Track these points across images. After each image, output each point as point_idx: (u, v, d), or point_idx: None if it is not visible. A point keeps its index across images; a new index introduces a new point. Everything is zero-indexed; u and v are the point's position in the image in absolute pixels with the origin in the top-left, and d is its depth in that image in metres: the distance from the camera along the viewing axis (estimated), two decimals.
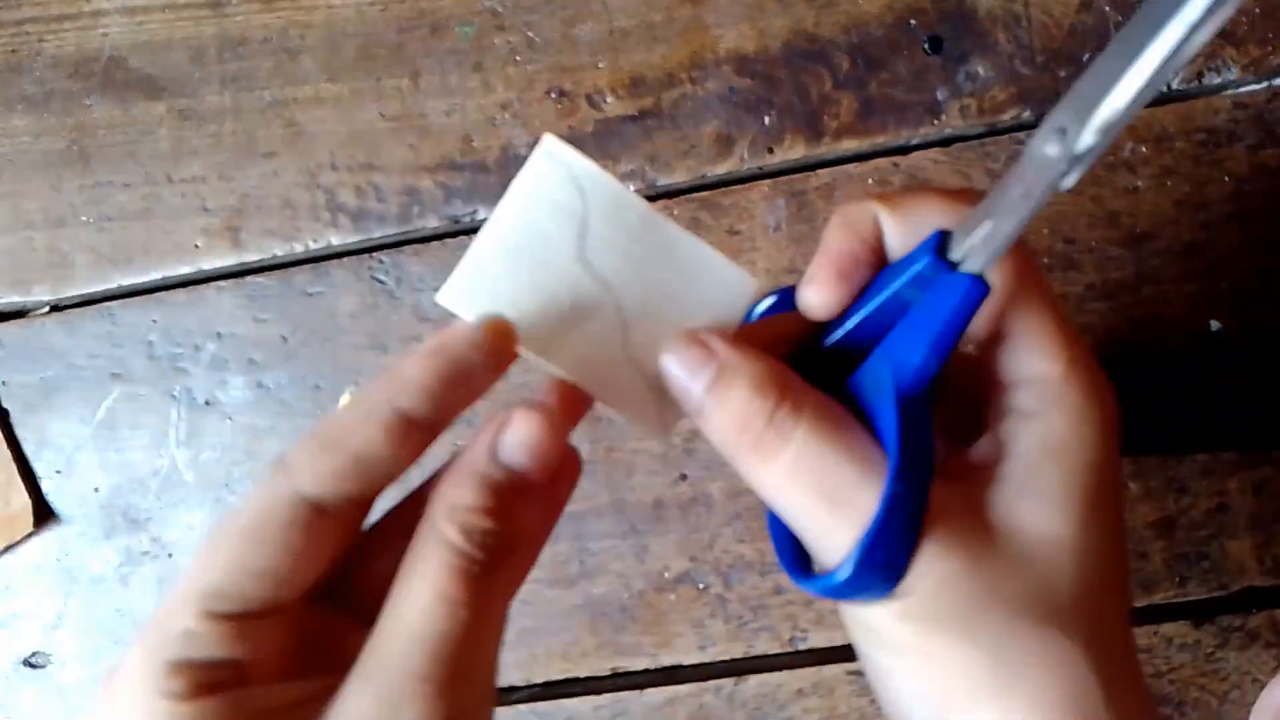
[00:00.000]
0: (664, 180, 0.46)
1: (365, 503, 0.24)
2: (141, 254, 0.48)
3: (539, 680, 0.47)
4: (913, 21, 0.44)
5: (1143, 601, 0.44)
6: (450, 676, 0.20)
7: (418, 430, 0.23)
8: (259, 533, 0.22)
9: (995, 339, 0.25)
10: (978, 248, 0.22)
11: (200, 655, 0.21)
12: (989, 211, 0.22)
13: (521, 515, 0.23)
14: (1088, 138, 0.19)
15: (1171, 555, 0.44)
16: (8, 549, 0.49)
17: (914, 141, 0.45)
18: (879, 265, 0.25)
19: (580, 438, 0.46)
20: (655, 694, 0.46)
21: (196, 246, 0.48)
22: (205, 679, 0.20)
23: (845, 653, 0.45)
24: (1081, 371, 0.24)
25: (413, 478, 0.25)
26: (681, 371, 0.24)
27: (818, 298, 0.25)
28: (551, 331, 0.25)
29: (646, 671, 0.47)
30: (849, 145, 0.45)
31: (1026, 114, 0.44)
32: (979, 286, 0.23)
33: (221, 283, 0.48)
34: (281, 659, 0.22)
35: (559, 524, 0.26)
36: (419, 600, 0.21)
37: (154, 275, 0.48)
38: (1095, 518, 0.23)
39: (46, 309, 0.49)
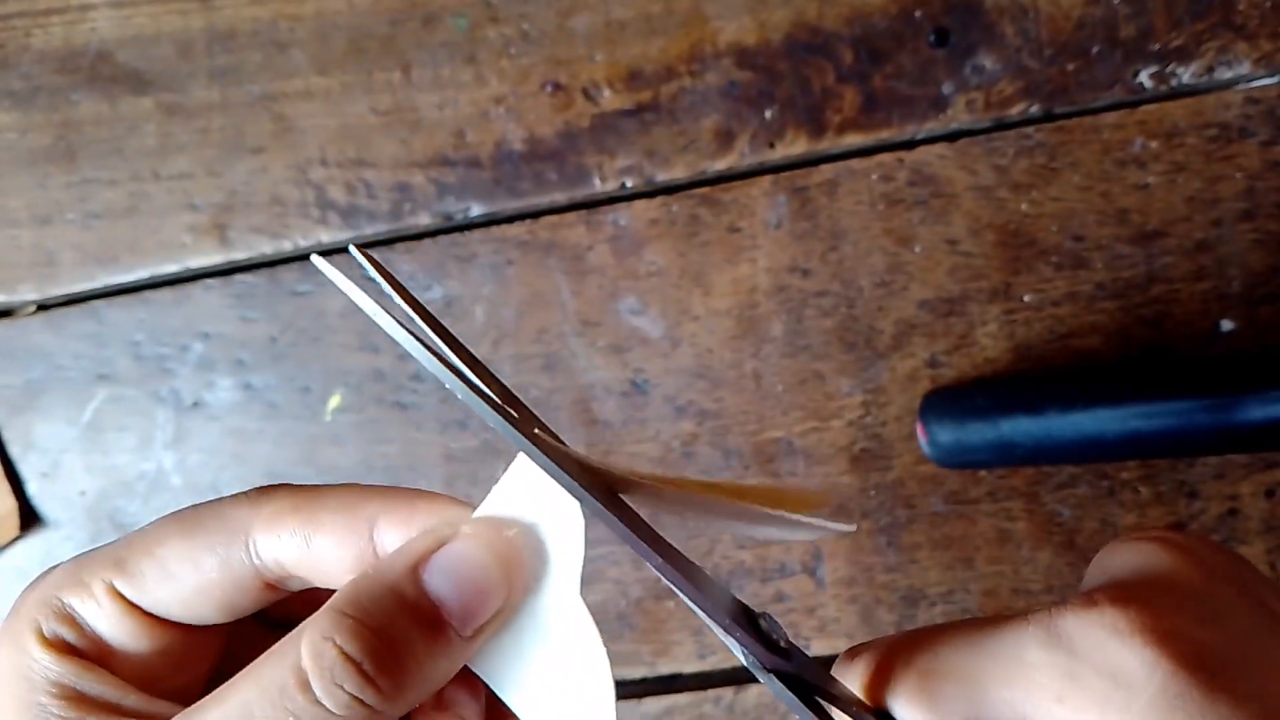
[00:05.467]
0: (662, 176, 0.45)
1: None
2: (128, 252, 0.47)
3: None
4: (918, 13, 0.43)
5: None
6: None
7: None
8: (190, 544, 0.21)
9: None
10: None
11: (77, 604, 0.21)
12: None
13: (414, 671, 0.18)
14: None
15: None
16: None
17: (919, 136, 0.44)
18: None
19: (576, 440, 0.45)
20: (653, 703, 0.45)
21: (184, 244, 0.47)
22: (66, 633, 0.20)
23: None
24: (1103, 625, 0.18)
25: None
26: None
27: None
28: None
29: (644, 680, 0.46)
30: (852, 140, 0.44)
31: (1034, 108, 0.43)
32: None
33: (209, 281, 0.47)
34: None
35: None
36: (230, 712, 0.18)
37: (140, 274, 0.47)
38: None
39: (32, 308, 0.48)
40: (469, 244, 0.46)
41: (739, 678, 0.45)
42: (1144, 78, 0.43)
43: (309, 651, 0.17)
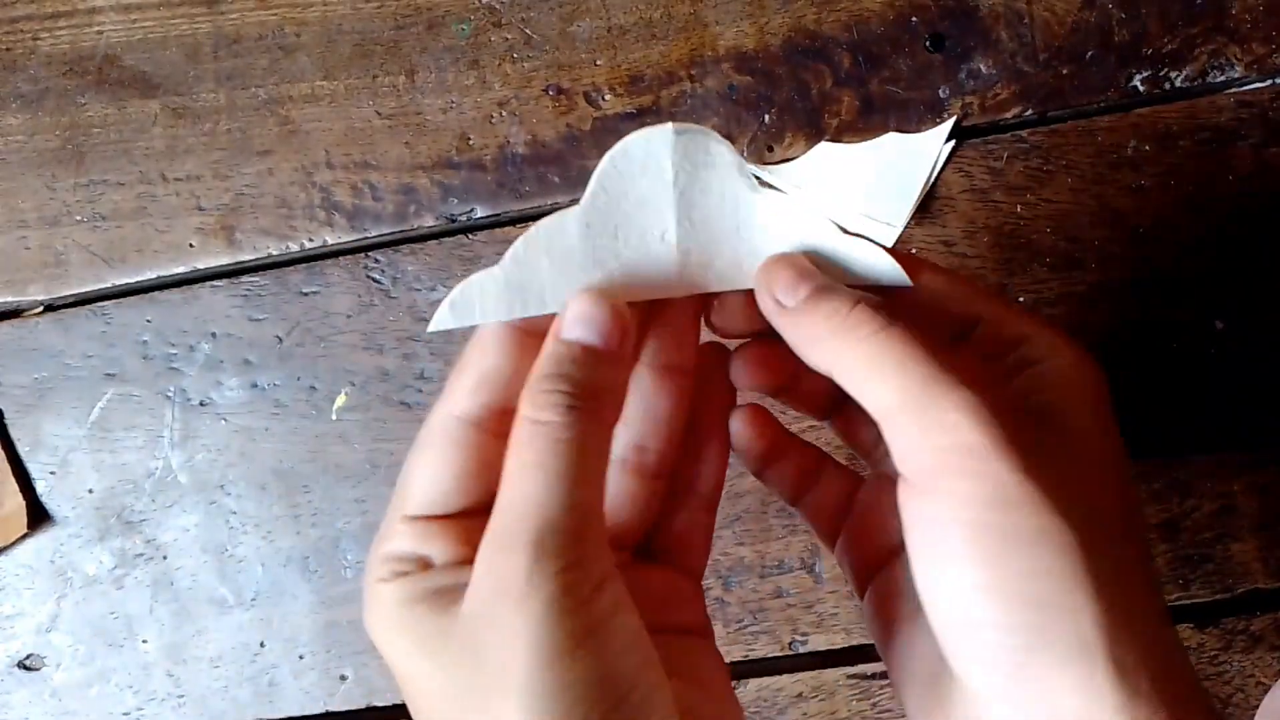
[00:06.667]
0: None
1: (511, 409, 0.27)
2: (136, 253, 0.48)
3: None
4: (914, 19, 0.44)
5: None
6: (537, 532, 0.24)
7: (530, 337, 0.27)
8: (430, 453, 0.27)
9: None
10: None
11: (396, 550, 0.26)
12: None
13: (589, 378, 0.26)
14: None
15: (1175, 557, 0.44)
16: (1, 551, 0.48)
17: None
18: None
19: None
20: None
21: (191, 245, 0.48)
22: (398, 567, 0.26)
23: (845, 656, 0.45)
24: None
25: None
26: (778, 292, 0.27)
27: None
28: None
29: None
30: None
31: (1029, 112, 0.44)
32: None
33: (216, 282, 0.48)
34: (467, 552, 0.26)
35: None
36: (506, 477, 0.25)
37: (148, 274, 0.48)
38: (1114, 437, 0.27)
39: (40, 309, 0.49)
40: (473, 246, 0.46)
41: (738, 672, 0.45)
42: (1137, 81, 0.43)
43: (531, 407, 0.25)
